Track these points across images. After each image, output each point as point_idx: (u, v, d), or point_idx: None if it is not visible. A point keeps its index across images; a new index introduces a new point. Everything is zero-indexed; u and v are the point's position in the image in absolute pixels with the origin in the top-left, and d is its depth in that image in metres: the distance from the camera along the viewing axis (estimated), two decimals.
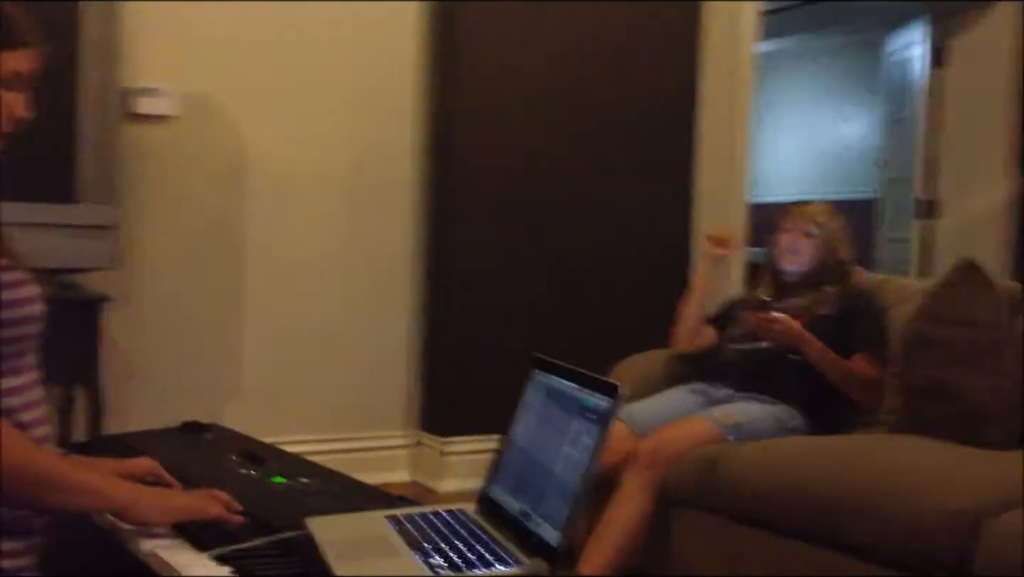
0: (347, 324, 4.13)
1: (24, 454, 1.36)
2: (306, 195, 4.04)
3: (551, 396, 1.53)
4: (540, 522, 1.38)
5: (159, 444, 2.02)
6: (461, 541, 1.42)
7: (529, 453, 1.51)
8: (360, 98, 4.11)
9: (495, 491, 1.56)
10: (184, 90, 3.79)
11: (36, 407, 1.46)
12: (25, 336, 1.43)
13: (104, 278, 3.46)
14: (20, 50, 1.44)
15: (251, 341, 3.97)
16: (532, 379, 1.60)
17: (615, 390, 1.37)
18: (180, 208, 3.82)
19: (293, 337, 4.04)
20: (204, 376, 3.89)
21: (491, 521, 1.51)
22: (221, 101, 3.87)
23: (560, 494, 1.37)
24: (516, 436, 1.58)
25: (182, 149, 3.81)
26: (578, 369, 1.49)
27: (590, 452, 1.35)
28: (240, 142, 3.91)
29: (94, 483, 1.45)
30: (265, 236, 3.97)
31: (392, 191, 4.20)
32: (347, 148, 4.10)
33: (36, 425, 1.45)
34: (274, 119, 3.97)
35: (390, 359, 4.22)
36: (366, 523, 1.50)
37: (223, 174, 3.90)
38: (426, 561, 1.33)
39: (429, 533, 1.45)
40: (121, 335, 3.71)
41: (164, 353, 3.82)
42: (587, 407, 1.41)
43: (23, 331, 1.42)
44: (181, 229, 3.83)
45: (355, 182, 4.13)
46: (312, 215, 4.06)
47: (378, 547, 1.39)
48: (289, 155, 4.00)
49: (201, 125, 3.84)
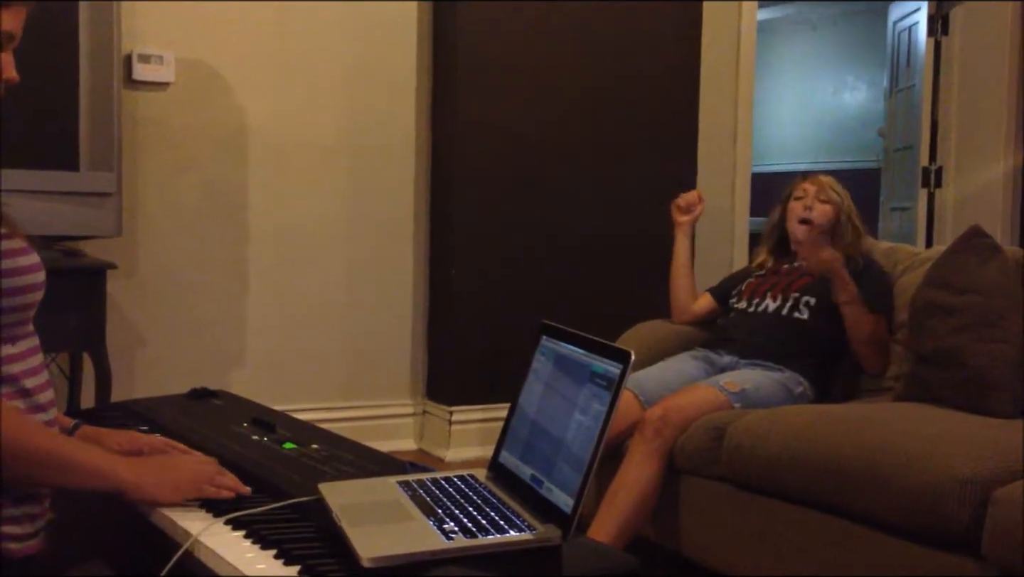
0: (352, 292, 4.13)
1: (22, 431, 1.34)
2: (308, 163, 4.02)
3: (560, 363, 1.52)
4: (552, 488, 1.38)
5: (169, 410, 2.02)
6: (473, 506, 1.41)
7: (539, 420, 1.50)
8: (360, 65, 4.09)
9: (505, 457, 1.55)
10: (184, 57, 3.76)
11: (38, 373, 1.45)
12: (26, 304, 1.42)
13: (107, 246, 3.45)
14: (12, 7, 1.41)
15: (255, 309, 3.97)
16: (540, 346, 1.59)
17: (626, 356, 1.36)
18: (181, 176, 3.81)
19: (297, 305, 4.03)
20: (209, 344, 3.89)
21: (502, 487, 1.51)
22: (221, 68, 3.85)
23: (571, 460, 1.36)
24: (524, 403, 1.57)
25: (182, 116, 3.79)
26: (588, 335, 1.48)
27: (601, 418, 1.34)
28: (240, 109, 3.89)
29: (97, 463, 1.42)
30: (267, 204, 3.96)
31: (395, 158, 4.18)
32: (347, 115, 4.08)
33: (39, 391, 1.44)
34: (274, 86, 3.95)
35: (395, 327, 4.22)
36: (378, 488, 1.50)
37: (224, 141, 3.88)
38: (439, 526, 1.33)
39: (441, 498, 1.45)
40: (125, 303, 3.71)
41: (169, 322, 3.81)
42: (597, 373, 1.40)
43: (24, 299, 1.41)
44: (183, 197, 3.82)
45: (357, 150, 4.11)
46: (314, 183, 4.04)
47: (391, 512, 1.39)
48: (289, 123, 3.98)
49: (201, 92, 3.82)
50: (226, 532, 1.36)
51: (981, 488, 2.03)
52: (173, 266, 3.82)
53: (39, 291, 1.44)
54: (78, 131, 3.09)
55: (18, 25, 1.42)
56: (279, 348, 4.01)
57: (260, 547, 1.30)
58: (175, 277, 3.82)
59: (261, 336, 3.98)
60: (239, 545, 1.31)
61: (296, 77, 3.98)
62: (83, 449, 1.44)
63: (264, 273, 3.97)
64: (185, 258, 3.83)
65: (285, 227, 4.00)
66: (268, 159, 3.95)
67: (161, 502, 1.44)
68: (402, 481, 1.52)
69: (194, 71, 3.79)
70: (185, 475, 1.47)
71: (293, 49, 3.96)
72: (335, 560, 1.24)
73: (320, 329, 4.08)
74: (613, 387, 1.35)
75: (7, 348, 1.40)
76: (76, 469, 1.39)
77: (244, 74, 3.89)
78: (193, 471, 1.49)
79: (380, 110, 4.14)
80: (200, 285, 3.87)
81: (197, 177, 3.84)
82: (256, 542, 1.32)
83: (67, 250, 3.17)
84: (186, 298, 3.85)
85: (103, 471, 1.41)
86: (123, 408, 2.12)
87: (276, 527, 1.36)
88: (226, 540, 1.33)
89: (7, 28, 1.40)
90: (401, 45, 4.16)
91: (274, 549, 1.28)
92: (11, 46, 1.44)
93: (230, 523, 1.38)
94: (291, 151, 3.99)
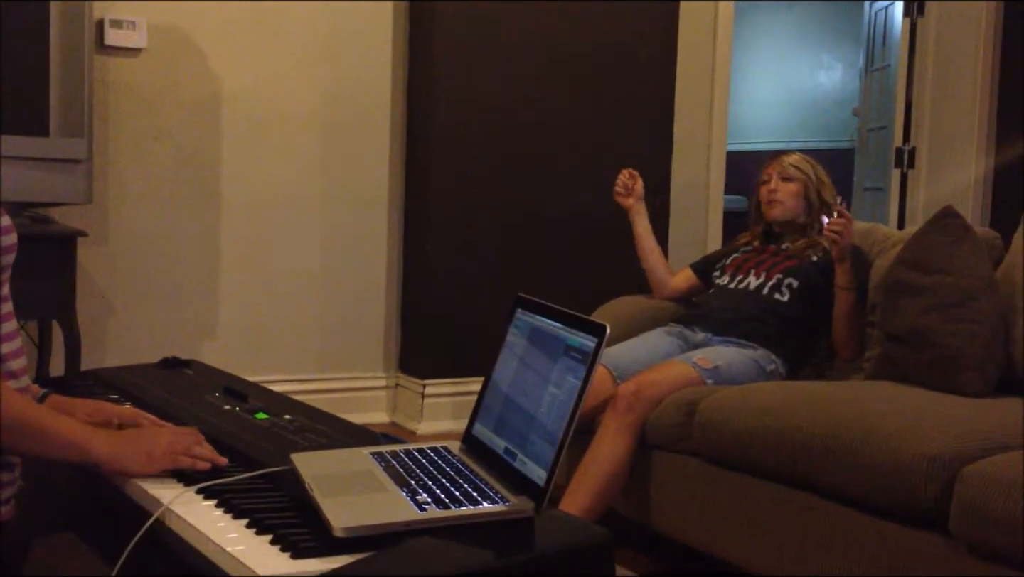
0: (324, 263, 4.11)
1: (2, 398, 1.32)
2: (281, 131, 3.99)
3: (534, 336, 1.51)
4: (525, 461, 1.38)
5: (140, 379, 2.00)
6: (446, 478, 1.41)
7: (512, 393, 1.50)
8: (335, 33, 4.05)
9: (479, 430, 1.55)
10: (156, 22, 3.71)
11: (12, 339, 1.44)
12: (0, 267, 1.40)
13: (78, 213, 3.42)
14: None
15: (227, 279, 3.94)
16: (514, 319, 1.59)
17: (602, 330, 1.36)
18: (153, 143, 3.77)
19: (270, 275, 4.01)
20: (180, 314, 3.86)
21: (476, 459, 1.51)
22: (194, 34, 3.80)
23: (545, 433, 1.36)
24: (498, 376, 1.56)
25: (155, 83, 3.75)
26: (563, 309, 1.48)
27: (576, 392, 1.34)
28: (214, 77, 3.85)
29: (71, 433, 1.40)
30: (240, 173, 3.93)
31: (369, 129, 4.16)
32: (322, 84, 4.05)
33: (12, 357, 1.43)
34: (249, 55, 3.91)
35: (369, 299, 4.21)
36: (351, 459, 1.49)
37: (196, 108, 3.84)
38: (412, 497, 1.33)
39: (414, 469, 1.44)
40: (96, 271, 3.68)
41: (140, 290, 3.78)
42: (572, 347, 1.40)
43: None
44: (154, 164, 3.78)
45: (331, 119, 4.08)
46: (288, 152, 4.01)
47: (364, 482, 1.39)
48: (263, 90, 3.94)
49: (174, 58, 3.78)
50: (198, 501, 1.35)
51: (949, 465, 2.05)
52: (145, 234, 3.78)
53: (11, 254, 1.42)
54: (49, 96, 3.05)
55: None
56: (252, 319, 3.99)
57: (232, 517, 1.29)
58: (146, 245, 3.79)
59: (234, 306, 3.96)
60: (211, 514, 1.31)
61: (272, 45, 3.94)
62: (58, 419, 1.42)
63: (237, 243, 3.95)
64: (157, 226, 3.80)
65: (259, 197, 3.97)
66: (242, 128, 3.91)
67: (136, 474, 1.43)
68: (375, 452, 1.52)
69: (167, 37, 3.75)
70: (159, 447, 1.45)
71: (269, 17, 3.92)
72: (307, 530, 1.24)
73: (294, 300, 4.06)
74: (588, 360, 1.35)
75: None
76: (52, 439, 1.38)
77: (218, 41, 3.84)
78: (168, 442, 1.46)
79: (356, 81, 4.11)
80: (172, 254, 3.84)
81: (169, 145, 3.80)
82: (228, 512, 1.31)
83: (37, 217, 3.14)
84: (158, 267, 3.81)
85: (78, 442, 1.40)
86: (94, 376, 2.10)
87: (248, 497, 1.35)
88: (197, 509, 1.32)
89: None
90: (378, 16, 4.13)
91: (246, 519, 1.28)
92: None
93: (201, 492, 1.37)
94: (266, 120, 3.96)
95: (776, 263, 3.11)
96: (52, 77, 3.05)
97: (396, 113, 4.19)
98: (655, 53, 4.48)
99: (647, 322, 3.23)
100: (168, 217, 3.82)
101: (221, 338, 3.93)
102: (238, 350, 3.91)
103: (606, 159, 4.35)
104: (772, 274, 3.07)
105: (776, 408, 2.44)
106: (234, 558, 1.17)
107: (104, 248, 3.69)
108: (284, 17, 3.95)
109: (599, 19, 4.30)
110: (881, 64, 6.01)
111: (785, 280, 3.04)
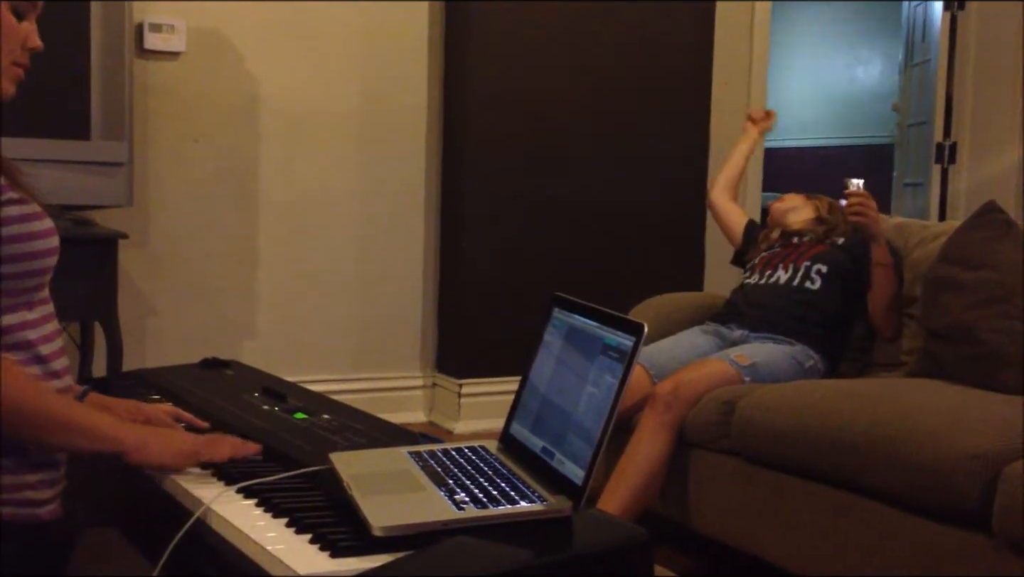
0: (361, 263, 4.13)
1: (24, 391, 1.34)
2: (319, 133, 4.02)
3: (571, 335, 1.51)
4: (563, 460, 1.38)
5: (181, 380, 2.02)
6: (484, 477, 1.41)
7: (550, 392, 1.50)
8: (372, 34, 4.07)
9: (516, 429, 1.55)
10: (195, 26, 3.75)
11: (53, 340, 1.46)
12: (41, 269, 1.43)
13: (118, 216, 3.45)
14: None
15: (266, 280, 3.97)
16: (551, 318, 1.59)
17: (639, 328, 1.36)
18: (192, 146, 3.81)
19: (308, 276, 4.04)
20: (220, 315, 3.90)
21: (513, 459, 1.51)
22: (232, 37, 3.84)
23: (583, 433, 1.36)
24: (535, 376, 1.56)
25: (194, 86, 3.78)
26: (600, 308, 1.47)
27: (613, 390, 1.34)
28: (252, 79, 3.88)
29: (98, 424, 1.42)
30: (279, 174, 3.96)
31: (406, 129, 4.17)
32: (358, 85, 4.07)
33: (54, 358, 1.45)
34: (286, 56, 3.93)
35: (406, 299, 4.22)
36: (389, 458, 1.50)
37: (234, 111, 3.87)
38: (449, 496, 1.33)
39: (452, 469, 1.45)
40: (136, 273, 3.72)
41: (180, 292, 3.82)
42: (610, 346, 1.40)
43: (39, 264, 1.42)
44: (194, 167, 3.82)
45: (369, 120, 4.10)
46: (326, 153, 4.04)
47: (401, 482, 1.39)
48: (301, 92, 3.97)
49: (213, 61, 3.81)
50: (238, 500, 1.36)
51: (992, 464, 2.02)
52: (184, 236, 3.82)
53: (54, 256, 1.44)
54: (90, 100, 3.09)
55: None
56: (290, 319, 4.02)
57: (272, 516, 1.30)
58: (186, 247, 3.83)
59: (272, 307, 3.99)
60: (251, 513, 1.32)
61: (308, 46, 3.97)
62: (87, 412, 1.44)
63: (275, 243, 3.98)
64: (196, 228, 3.84)
65: (296, 197, 4.00)
66: (280, 129, 3.94)
67: (162, 465, 1.45)
68: (413, 451, 1.52)
69: (206, 40, 3.78)
70: (187, 444, 1.48)
71: (305, 18, 3.95)
72: (346, 529, 1.24)
73: (331, 300, 4.09)
74: (625, 360, 1.35)
75: (24, 313, 1.41)
76: (79, 431, 1.40)
77: (256, 43, 3.87)
78: (192, 441, 1.50)
79: (392, 81, 4.13)
80: (211, 255, 3.87)
81: (208, 147, 3.84)
82: (268, 511, 1.32)
83: (78, 219, 3.18)
84: (197, 268, 3.85)
85: (105, 433, 1.41)
86: (136, 376, 2.12)
87: (287, 496, 1.36)
88: (238, 508, 1.33)
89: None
90: (414, 16, 4.14)
91: (285, 518, 1.29)
92: (33, 15, 1.44)
93: (242, 492, 1.38)
94: (303, 121, 3.98)
95: (802, 252, 3.10)
96: (93, 82, 3.10)
97: (432, 113, 4.20)
98: (691, 51, 4.46)
99: (684, 321, 3.22)
100: (207, 219, 3.85)
101: (260, 338, 3.96)
102: (277, 350, 3.94)
103: (642, 158, 4.34)
104: (800, 264, 3.05)
105: (816, 407, 2.43)
106: (274, 557, 1.18)
107: (145, 250, 3.73)
108: (321, 19, 3.98)
109: (635, 18, 4.29)
110: (921, 59, 5.94)
111: (814, 267, 3.02)
